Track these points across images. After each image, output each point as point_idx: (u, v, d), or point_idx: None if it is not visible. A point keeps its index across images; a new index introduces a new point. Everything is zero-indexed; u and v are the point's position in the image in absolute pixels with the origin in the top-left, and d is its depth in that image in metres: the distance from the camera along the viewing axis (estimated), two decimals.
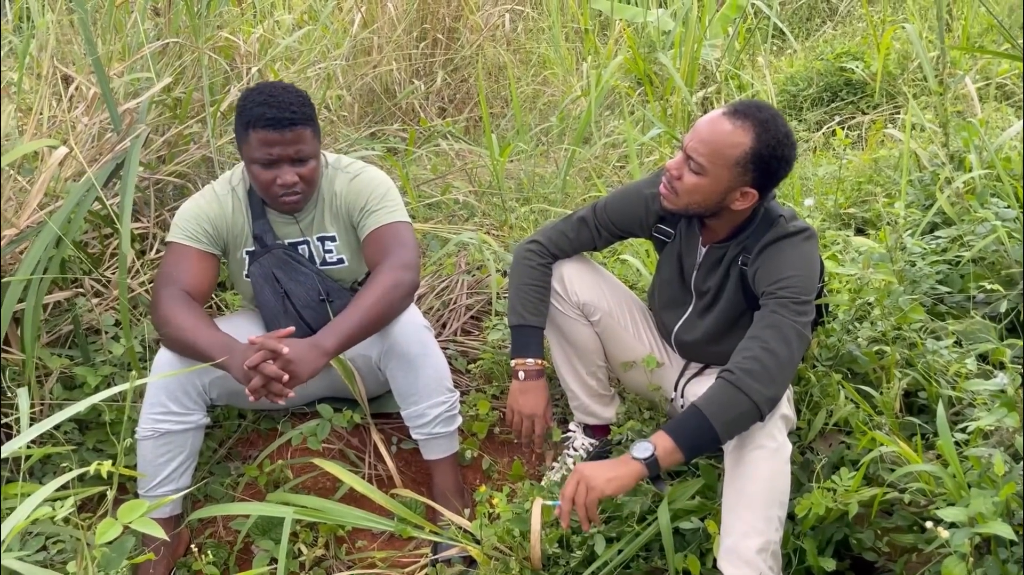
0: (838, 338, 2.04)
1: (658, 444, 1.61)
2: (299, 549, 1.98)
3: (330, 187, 2.12)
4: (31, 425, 2.00)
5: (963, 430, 1.66)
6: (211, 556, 2.00)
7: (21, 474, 1.83)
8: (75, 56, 2.65)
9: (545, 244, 2.03)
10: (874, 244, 2.31)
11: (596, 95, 3.16)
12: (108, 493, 1.15)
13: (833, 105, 4.73)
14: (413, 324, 2.04)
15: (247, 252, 2.12)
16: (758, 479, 1.60)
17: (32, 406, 2.15)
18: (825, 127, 4.29)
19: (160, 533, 1.13)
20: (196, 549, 2.01)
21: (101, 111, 2.45)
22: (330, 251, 2.13)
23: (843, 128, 4.30)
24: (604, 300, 2.04)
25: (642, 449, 1.60)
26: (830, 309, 2.12)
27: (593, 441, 2.19)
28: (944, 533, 1.28)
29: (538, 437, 2.00)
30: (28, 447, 1.68)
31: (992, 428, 1.51)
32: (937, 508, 1.44)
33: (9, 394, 1.99)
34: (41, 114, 2.36)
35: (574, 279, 2.02)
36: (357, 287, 2.18)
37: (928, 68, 2.77)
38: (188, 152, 2.83)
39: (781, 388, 1.63)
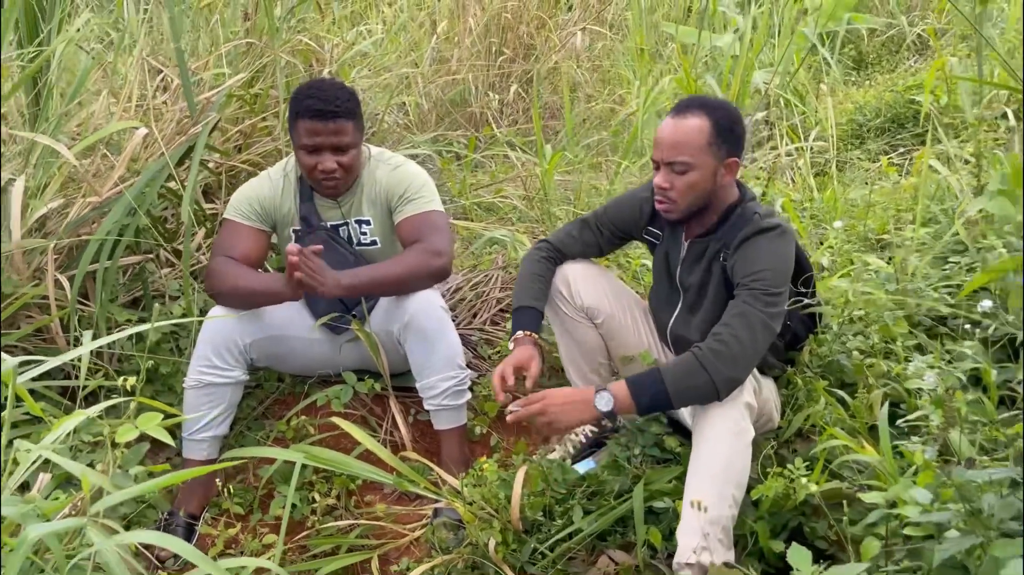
0: (829, 347, 2.15)
1: (617, 394, 1.80)
2: (314, 497, 2.21)
3: (371, 176, 2.35)
4: (93, 374, 2.30)
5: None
6: (237, 497, 2.25)
7: (77, 405, 2.11)
8: (167, 51, 2.98)
9: (552, 243, 2.22)
10: (884, 265, 2.41)
11: (644, 112, 3.32)
12: (131, 404, 1.38)
13: (898, 137, 4.75)
14: (432, 304, 2.24)
15: (293, 231, 2.37)
16: (717, 458, 1.74)
17: (101, 355, 2.45)
18: (884, 158, 4.31)
19: (168, 439, 1.36)
20: (226, 491, 2.25)
21: (183, 99, 2.75)
22: (364, 233, 2.36)
23: (904, 158, 4.33)
24: (607, 303, 2.19)
25: (604, 402, 1.81)
26: (826, 321, 2.22)
27: (593, 428, 2.35)
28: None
29: (531, 377, 2.00)
30: (87, 378, 1.95)
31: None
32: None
33: (77, 333, 2.28)
34: (130, 100, 2.67)
35: (579, 283, 2.18)
36: None
37: (966, 100, 2.83)
38: (261, 143, 3.12)
39: (742, 372, 1.77)
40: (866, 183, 3.08)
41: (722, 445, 1.74)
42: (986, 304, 1.62)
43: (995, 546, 0.97)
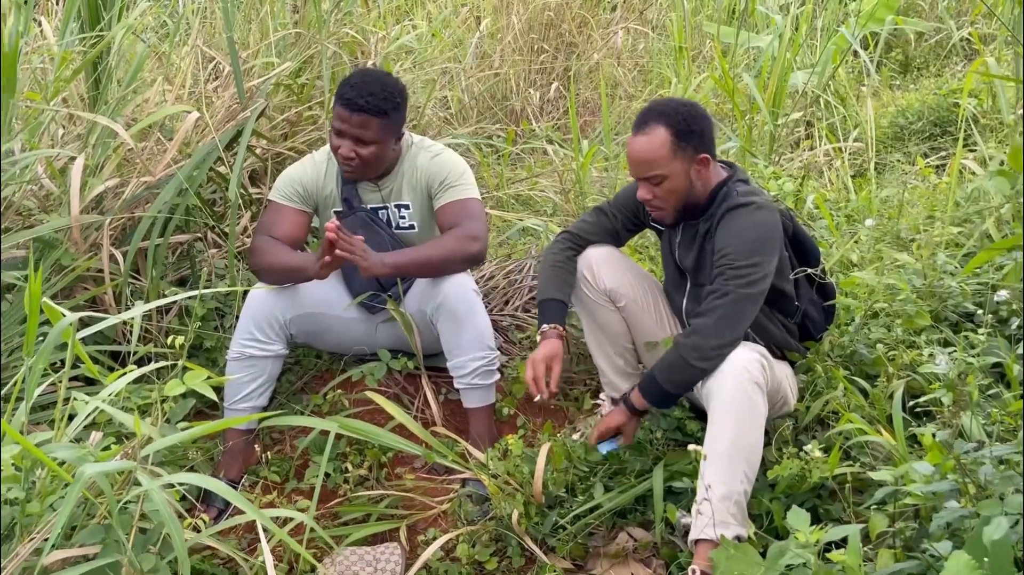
0: (850, 338, 2.19)
1: (635, 401, 1.99)
2: (346, 468, 2.30)
3: (412, 162, 2.44)
4: (144, 344, 2.42)
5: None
6: (274, 466, 2.36)
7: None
8: (219, 40, 3.10)
9: (572, 231, 2.31)
10: (912, 260, 2.43)
11: None
12: (179, 362, 1.48)
13: (940, 140, 4.73)
14: (464, 287, 2.33)
15: (335, 212, 2.47)
16: (727, 436, 1.82)
17: (150, 330, 2.58)
18: (921, 159, 4.30)
19: (211, 394, 1.46)
20: (264, 458, 2.35)
21: (233, 86, 2.87)
22: (403, 217, 2.45)
23: (944, 161, 4.31)
24: (628, 287, 2.25)
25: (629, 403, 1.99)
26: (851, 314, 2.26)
27: None
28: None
29: (554, 378, 2.10)
30: (136, 346, 2.06)
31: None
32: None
33: (129, 304, 2.40)
34: (183, 87, 2.80)
35: (601, 268, 2.24)
36: None
37: (1003, 101, 2.84)
38: (305, 132, 3.24)
39: (725, 339, 1.90)
40: (903, 183, 3.09)
41: (731, 424, 1.82)
42: (1002, 294, 1.65)
43: (982, 505, 1.02)
